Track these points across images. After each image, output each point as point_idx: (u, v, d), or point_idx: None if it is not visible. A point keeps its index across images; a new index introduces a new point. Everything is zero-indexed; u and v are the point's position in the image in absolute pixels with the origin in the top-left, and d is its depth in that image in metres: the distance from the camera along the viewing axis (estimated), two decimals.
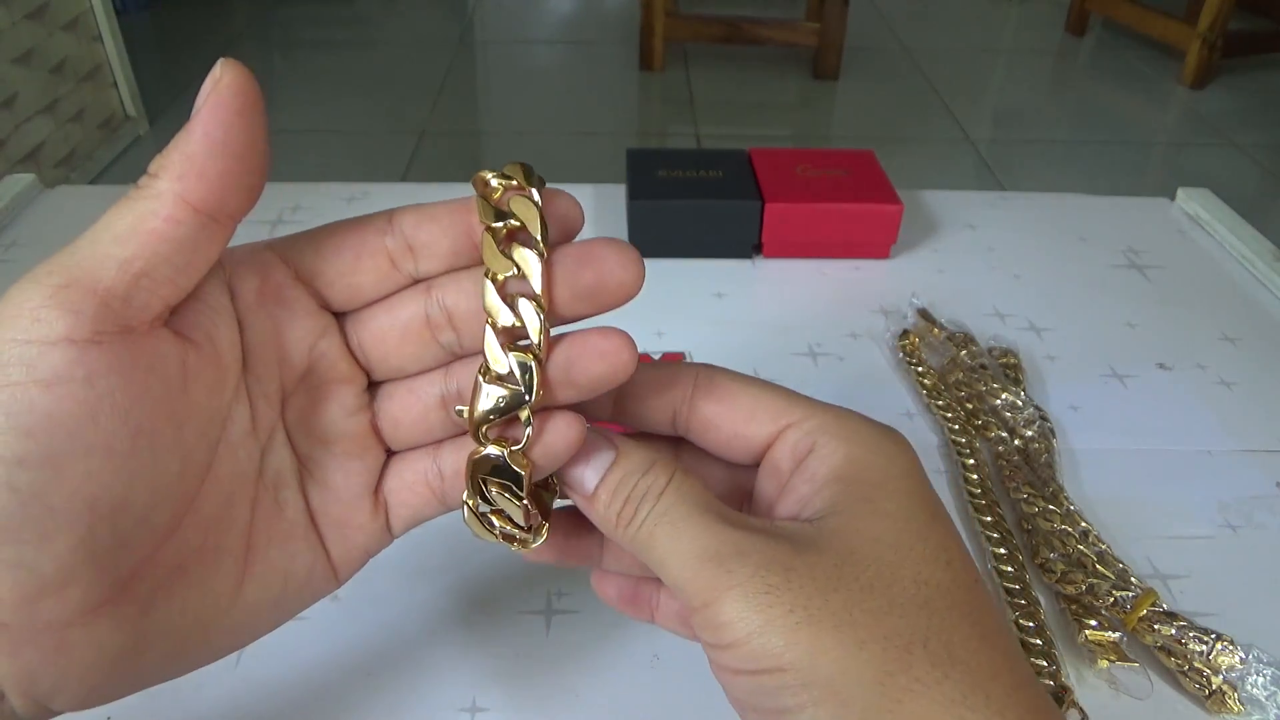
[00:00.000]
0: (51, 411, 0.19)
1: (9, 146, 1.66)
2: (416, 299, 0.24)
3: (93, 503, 0.19)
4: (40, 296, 0.19)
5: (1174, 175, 2.02)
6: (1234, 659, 0.32)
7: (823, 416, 0.24)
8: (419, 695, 0.31)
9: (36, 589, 0.19)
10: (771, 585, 0.21)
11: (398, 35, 2.70)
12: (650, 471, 0.24)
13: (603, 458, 0.24)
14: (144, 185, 0.21)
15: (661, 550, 0.23)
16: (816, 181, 0.55)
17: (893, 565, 0.21)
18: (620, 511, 0.23)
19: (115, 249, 0.20)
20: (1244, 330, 0.50)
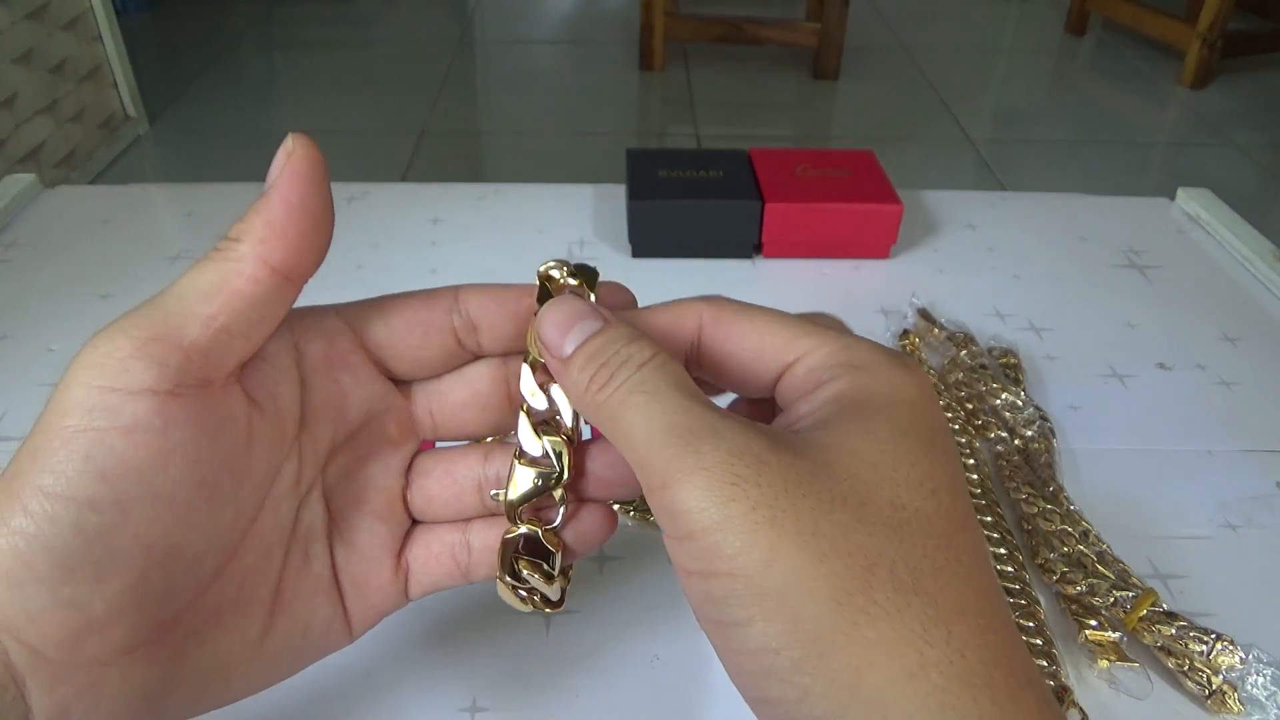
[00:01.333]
0: (128, 458, 0.20)
1: (9, 146, 1.66)
2: (494, 372, 0.26)
3: (150, 548, 0.20)
4: (129, 347, 0.20)
5: (1174, 175, 2.02)
6: (1234, 659, 0.32)
7: (834, 345, 0.23)
8: (419, 695, 0.31)
9: (84, 627, 0.20)
10: (740, 476, 0.19)
11: (398, 35, 2.70)
12: (635, 343, 0.22)
13: (588, 326, 0.23)
14: (225, 248, 0.22)
15: (629, 420, 0.21)
16: (816, 181, 0.55)
17: (869, 483, 0.20)
18: (594, 375, 0.22)
19: (200, 305, 0.21)
20: (1244, 330, 0.50)
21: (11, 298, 0.51)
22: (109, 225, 0.57)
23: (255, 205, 0.22)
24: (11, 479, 0.20)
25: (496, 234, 0.57)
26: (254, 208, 0.22)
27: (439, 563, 0.26)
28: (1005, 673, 0.19)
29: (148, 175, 1.96)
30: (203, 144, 2.07)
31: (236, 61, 2.52)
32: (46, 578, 0.19)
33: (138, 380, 0.20)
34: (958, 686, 0.18)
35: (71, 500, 0.19)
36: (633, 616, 0.34)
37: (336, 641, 0.26)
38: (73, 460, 0.19)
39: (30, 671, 0.19)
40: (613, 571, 0.36)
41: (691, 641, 0.33)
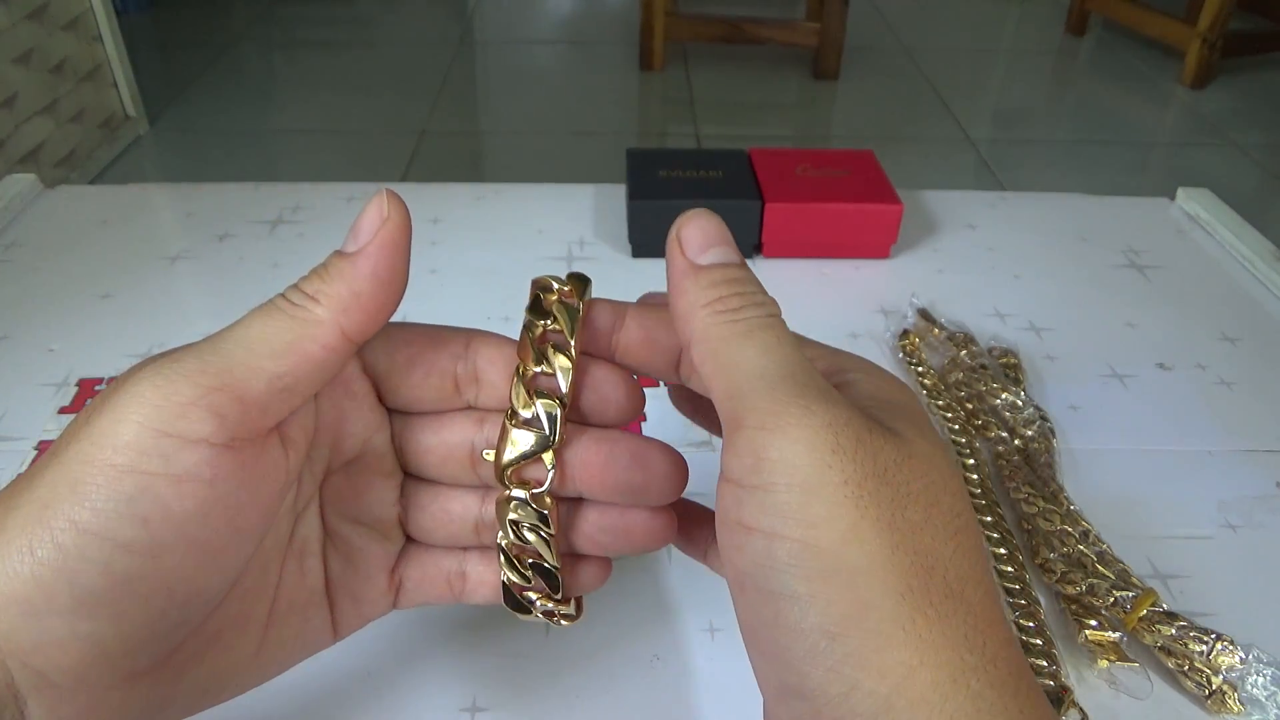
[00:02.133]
0: (173, 507, 0.19)
1: (9, 146, 1.66)
2: (468, 428, 0.25)
3: (173, 590, 0.20)
4: (190, 394, 0.20)
5: (1174, 175, 2.02)
6: (1234, 659, 0.32)
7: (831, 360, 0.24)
8: (419, 695, 0.31)
9: (95, 658, 0.20)
10: (841, 447, 0.19)
11: (398, 35, 2.70)
12: (768, 297, 0.22)
13: (729, 251, 0.22)
14: (302, 304, 0.21)
15: (747, 351, 0.21)
16: (816, 181, 0.55)
17: (937, 486, 0.20)
18: (724, 296, 0.21)
19: (269, 363, 0.21)
20: (1244, 330, 0.50)
21: (11, 298, 0.51)
22: (109, 225, 0.57)
23: (339, 266, 0.22)
24: (44, 506, 0.19)
25: (496, 234, 0.57)
26: (337, 270, 0.22)
27: (433, 585, 0.26)
28: (1028, 684, 0.19)
29: (148, 175, 1.96)
30: (203, 144, 2.07)
31: (236, 61, 2.52)
32: (65, 611, 0.19)
33: (195, 430, 0.20)
34: (993, 693, 0.18)
35: (107, 540, 0.19)
36: (633, 616, 0.34)
37: (322, 644, 0.26)
38: (115, 501, 0.19)
39: (34, 693, 0.19)
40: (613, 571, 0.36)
41: (691, 641, 0.33)
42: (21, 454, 0.40)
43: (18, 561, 0.19)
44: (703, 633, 0.34)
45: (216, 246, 0.55)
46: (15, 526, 0.19)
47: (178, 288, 0.52)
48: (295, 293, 0.22)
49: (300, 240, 0.56)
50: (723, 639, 0.33)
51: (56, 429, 0.42)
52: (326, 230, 0.57)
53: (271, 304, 0.22)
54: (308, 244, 0.56)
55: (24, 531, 0.19)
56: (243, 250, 0.55)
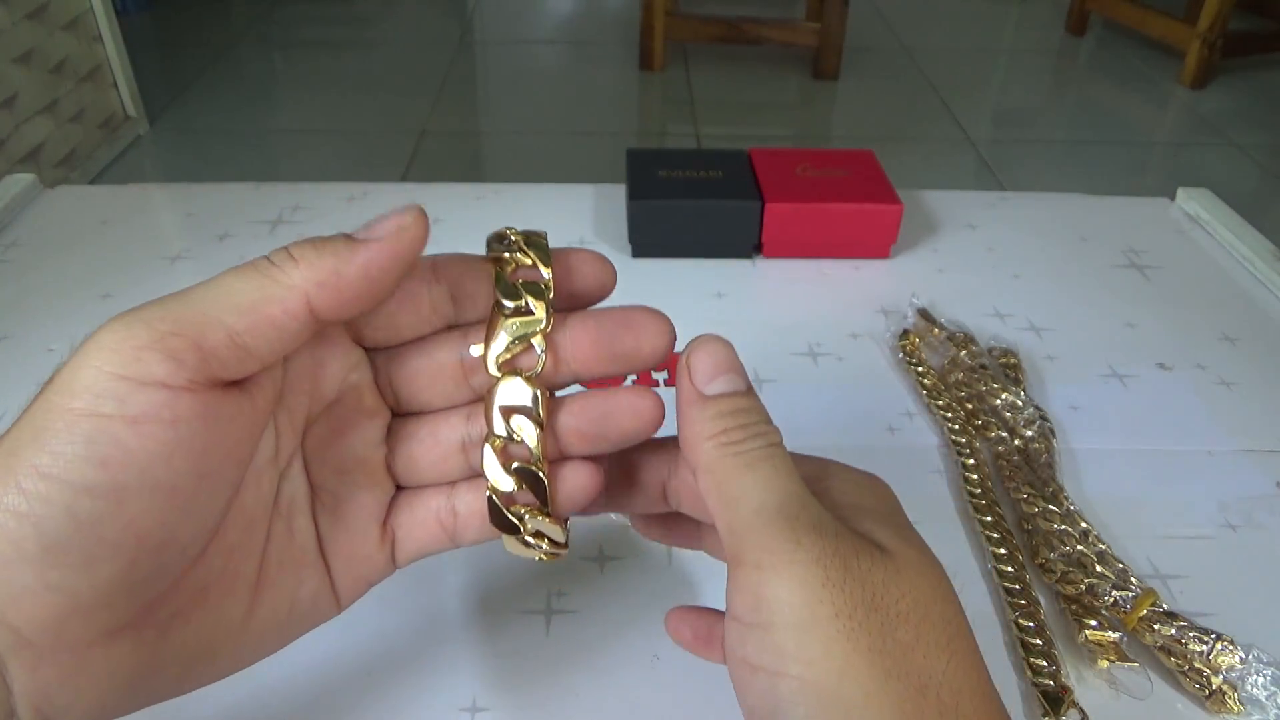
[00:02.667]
0: (131, 447, 0.19)
1: (9, 146, 1.66)
2: (453, 343, 0.25)
3: (142, 537, 0.20)
4: (146, 337, 0.20)
5: (1174, 175, 2.02)
6: (1234, 659, 0.32)
7: (810, 467, 0.24)
8: (419, 695, 0.31)
9: (69, 611, 0.19)
10: (830, 579, 0.20)
11: (398, 35, 2.70)
12: (770, 424, 0.23)
13: (736, 380, 0.23)
14: (278, 263, 0.21)
15: (746, 484, 0.22)
16: (816, 181, 0.55)
17: (928, 598, 0.21)
18: (730, 428, 0.22)
19: (229, 317, 0.21)
20: (1244, 330, 0.50)
21: (11, 298, 0.51)
22: (109, 225, 0.57)
23: (334, 244, 0.22)
24: (9, 455, 0.19)
25: None
26: (332, 246, 0.22)
27: (425, 528, 0.26)
28: None
29: (148, 175, 1.96)
30: (203, 144, 2.07)
31: (236, 61, 2.52)
32: (34, 559, 0.19)
33: (150, 372, 0.20)
34: None
35: (67, 484, 0.19)
36: (633, 616, 0.34)
37: (324, 613, 0.25)
38: (74, 444, 0.19)
39: (11, 653, 0.19)
40: (613, 571, 0.36)
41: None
42: None
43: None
44: None
45: (216, 246, 0.55)
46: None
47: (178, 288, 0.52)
48: (279, 252, 0.22)
49: None
50: None
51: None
52: (326, 230, 0.56)
53: (252, 262, 0.22)
54: None
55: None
56: (243, 250, 0.55)
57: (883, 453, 0.42)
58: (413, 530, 0.26)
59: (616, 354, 0.25)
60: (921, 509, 0.40)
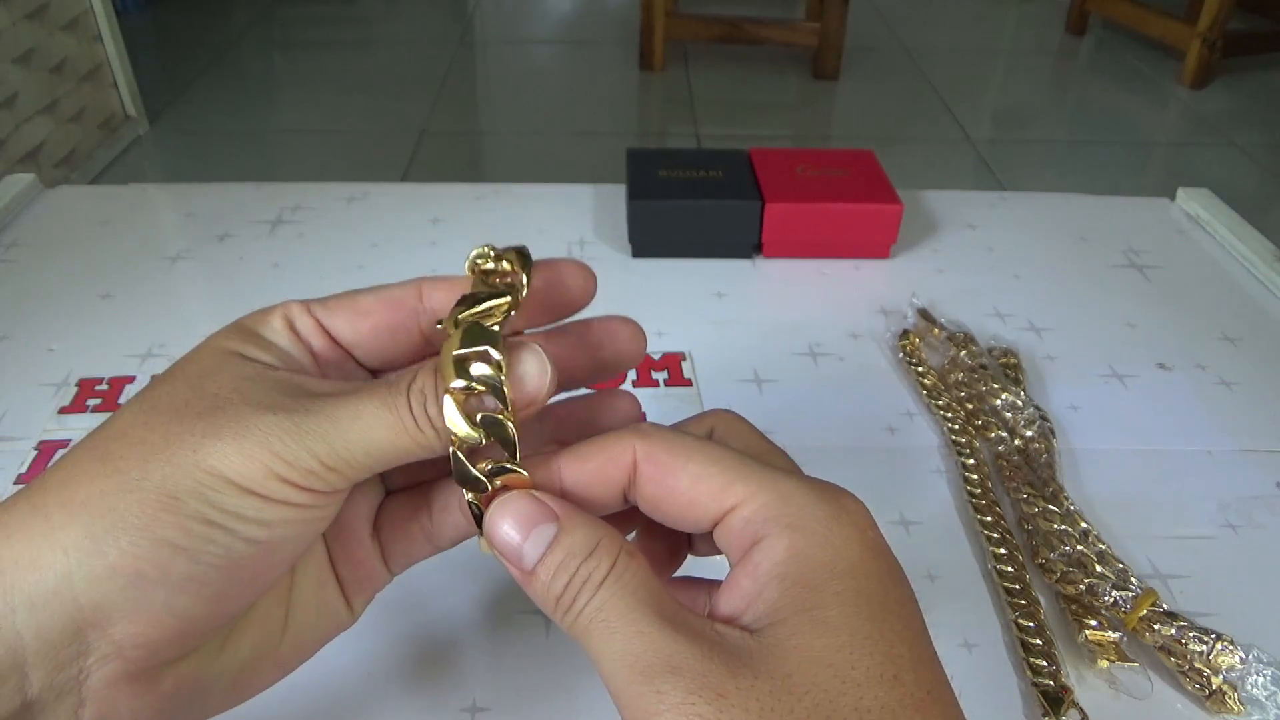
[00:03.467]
0: (292, 519, 0.22)
1: (9, 146, 1.66)
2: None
3: (266, 580, 0.22)
4: (312, 465, 0.21)
5: (1174, 175, 2.02)
6: (1234, 659, 0.32)
7: (768, 496, 0.22)
8: (419, 695, 0.31)
9: (175, 636, 0.21)
10: (702, 715, 0.19)
11: (398, 35, 2.70)
12: (593, 554, 0.22)
13: (544, 532, 0.22)
14: (419, 419, 0.22)
15: (595, 649, 0.21)
16: (816, 181, 0.55)
17: (832, 692, 0.20)
18: (560, 597, 0.22)
19: (362, 459, 0.22)
20: (1244, 330, 0.50)
21: (11, 298, 0.51)
22: (109, 225, 0.57)
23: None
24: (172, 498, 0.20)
25: (496, 234, 0.57)
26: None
27: (405, 530, 0.26)
28: None
29: (148, 175, 1.96)
30: (203, 144, 2.07)
31: (236, 61, 2.52)
32: (174, 585, 0.20)
33: (314, 485, 0.22)
34: None
35: (234, 534, 0.21)
36: None
37: (342, 622, 0.26)
38: (245, 508, 0.21)
39: (101, 664, 0.20)
40: None
41: None
42: (21, 454, 0.40)
43: (137, 536, 0.20)
44: None
45: (216, 246, 0.55)
46: (136, 508, 0.20)
47: (178, 288, 0.52)
48: (418, 394, 0.23)
49: (300, 240, 0.56)
50: None
51: (56, 429, 0.42)
52: (326, 230, 0.57)
53: (396, 400, 0.22)
54: (308, 244, 0.56)
55: (148, 512, 0.20)
56: (243, 250, 0.55)
57: (883, 453, 0.42)
58: (394, 533, 0.26)
59: (595, 364, 0.26)
60: (921, 509, 0.40)
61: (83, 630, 0.20)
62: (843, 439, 0.42)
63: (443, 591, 0.35)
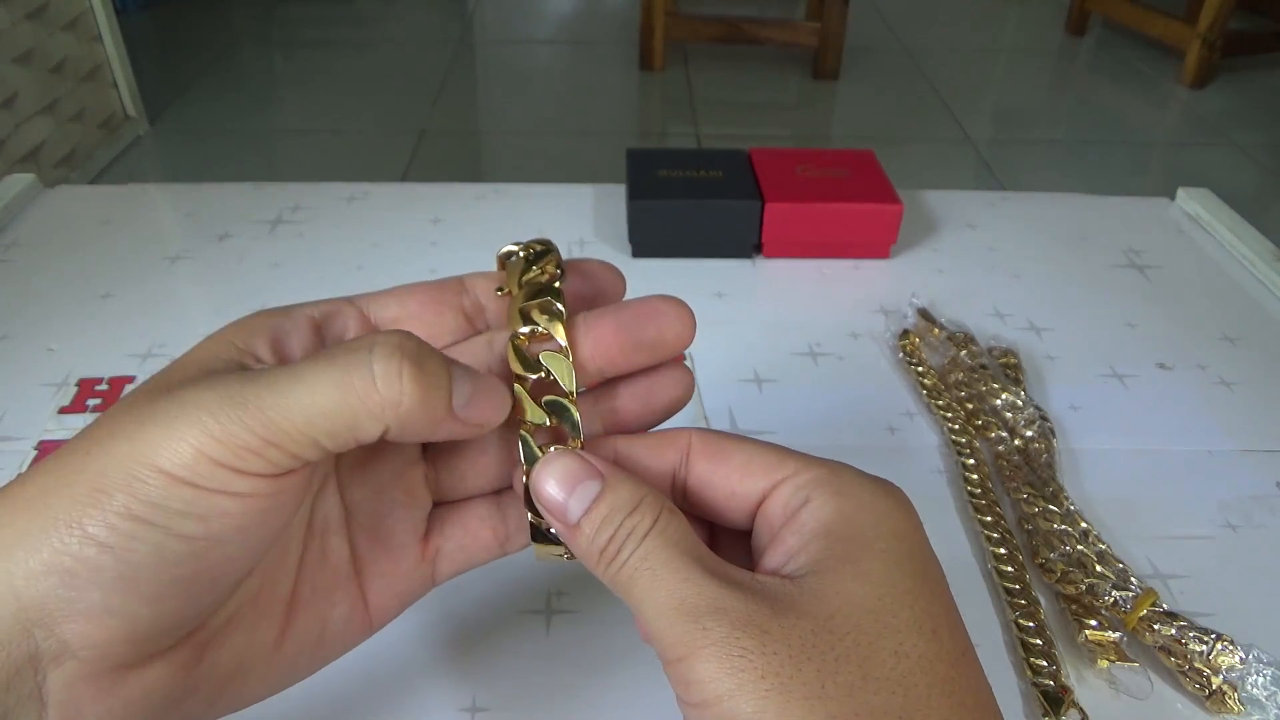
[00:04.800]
0: (231, 511, 0.20)
1: (9, 146, 1.66)
2: (480, 349, 0.26)
3: (217, 578, 0.21)
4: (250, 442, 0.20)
5: (1174, 175, 2.02)
6: (1234, 659, 0.32)
7: (817, 470, 0.23)
8: (419, 695, 0.31)
9: (123, 636, 0.20)
10: (746, 649, 0.20)
11: (398, 35, 2.70)
12: (637, 509, 0.23)
13: (588, 487, 0.23)
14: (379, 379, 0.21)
15: (640, 596, 0.22)
16: (816, 181, 0.55)
17: (872, 634, 0.21)
18: (604, 549, 0.23)
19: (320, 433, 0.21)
20: (1244, 330, 0.50)
21: (11, 298, 0.51)
22: (109, 225, 0.57)
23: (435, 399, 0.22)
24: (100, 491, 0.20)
25: (496, 234, 0.57)
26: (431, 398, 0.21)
27: (476, 538, 0.26)
28: None
29: (148, 175, 1.96)
30: (203, 144, 2.07)
31: (236, 61, 2.52)
32: (106, 585, 0.19)
33: (250, 468, 0.20)
34: None
35: (162, 528, 0.20)
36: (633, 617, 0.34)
37: (355, 636, 0.26)
38: (175, 501, 0.20)
39: (54, 663, 0.20)
40: None
41: None
42: (21, 454, 0.40)
43: (65, 533, 0.19)
44: None
45: (216, 246, 0.55)
46: (66, 499, 0.20)
47: (178, 288, 0.52)
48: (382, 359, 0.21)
49: (300, 240, 0.56)
50: None
51: (57, 429, 0.42)
52: (326, 230, 0.57)
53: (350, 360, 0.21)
54: (308, 244, 0.56)
55: (75, 506, 0.19)
56: (243, 250, 0.55)
57: (883, 453, 0.42)
58: (464, 542, 0.26)
59: (640, 344, 0.25)
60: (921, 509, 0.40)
61: (29, 629, 0.19)
62: (843, 439, 0.42)
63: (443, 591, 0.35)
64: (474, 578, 0.35)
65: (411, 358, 0.21)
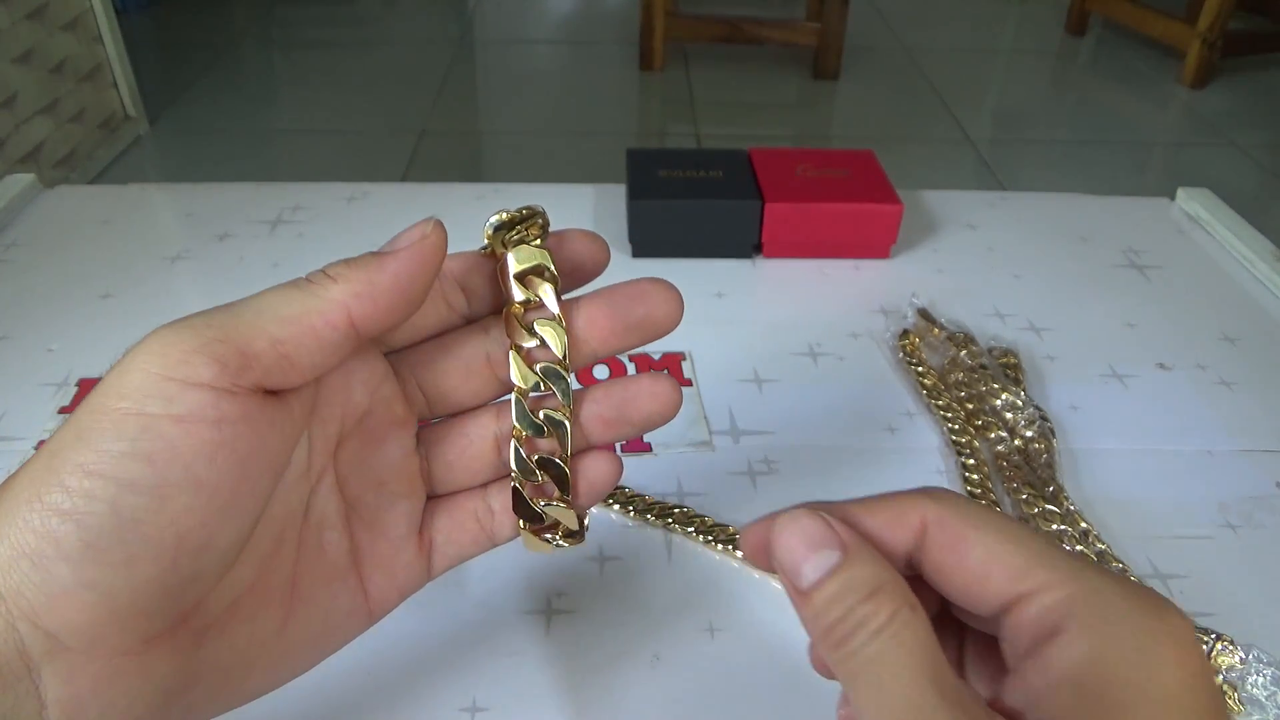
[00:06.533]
0: (177, 445, 0.20)
1: (9, 146, 1.66)
2: (476, 339, 0.26)
3: (183, 536, 0.20)
4: (193, 342, 0.20)
5: (1174, 175, 2.02)
6: (1234, 659, 0.32)
7: (1071, 588, 0.20)
8: (419, 695, 0.31)
9: (107, 615, 0.20)
10: None
11: (398, 35, 2.70)
12: (874, 598, 0.20)
13: (827, 556, 0.21)
14: (318, 282, 0.22)
15: (857, 700, 0.20)
16: (816, 181, 0.55)
17: None
18: (832, 628, 0.20)
19: (273, 327, 0.21)
20: (1244, 330, 0.50)
21: (11, 298, 0.51)
22: (109, 225, 0.57)
23: (366, 259, 0.23)
24: (52, 456, 0.20)
25: None
26: (363, 260, 0.23)
27: (464, 530, 0.26)
28: None
29: (148, 175, 1.96)
30: (203, 144, 2.07)
31: (236, 61, 2.52)
32: (74, 558, 0.19)
33: (197, 374, 0.20)
34: None
35: (113, 480, 0.19)
36: (633, 616, 0.34)
37: (356, 627, 0.26)
38: (120, 441, 0.19)
39: (46, 659, 0.19)
40: (613, 571, 0.36)
41: (691, 641, 0.33)
42: (21, 454, 0.40)
43: (26, 511, 0.19)
44: (702, 633, 0.34)
45: (216, 246, 0.55)
46: (25, 479, 0.20)
47: (178, 288, 0.52)
48: (317, 273, 0.23)
49: (300, 240, 0.56)
50: (722, 639, 0.33)
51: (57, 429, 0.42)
52: (326, 230, 0.57)
53: (292, 281, 0.22)
54: (308, 244, 0.56)
55: (33, 482, 0.19)
56: (243, 250, 0.55)
57: (883, 453, 0.42)
58: (452, 534, 0.26)
59: (631, 325, 0.26)
60: None
61: (12, 623, 0.19)
62: (843, 439, 0.42)
63: (443, 590, 0.35)
64: (474, 578, 0.35)
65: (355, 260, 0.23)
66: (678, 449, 0.42)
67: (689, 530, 0.37)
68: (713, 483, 0.40)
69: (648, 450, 0.41)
